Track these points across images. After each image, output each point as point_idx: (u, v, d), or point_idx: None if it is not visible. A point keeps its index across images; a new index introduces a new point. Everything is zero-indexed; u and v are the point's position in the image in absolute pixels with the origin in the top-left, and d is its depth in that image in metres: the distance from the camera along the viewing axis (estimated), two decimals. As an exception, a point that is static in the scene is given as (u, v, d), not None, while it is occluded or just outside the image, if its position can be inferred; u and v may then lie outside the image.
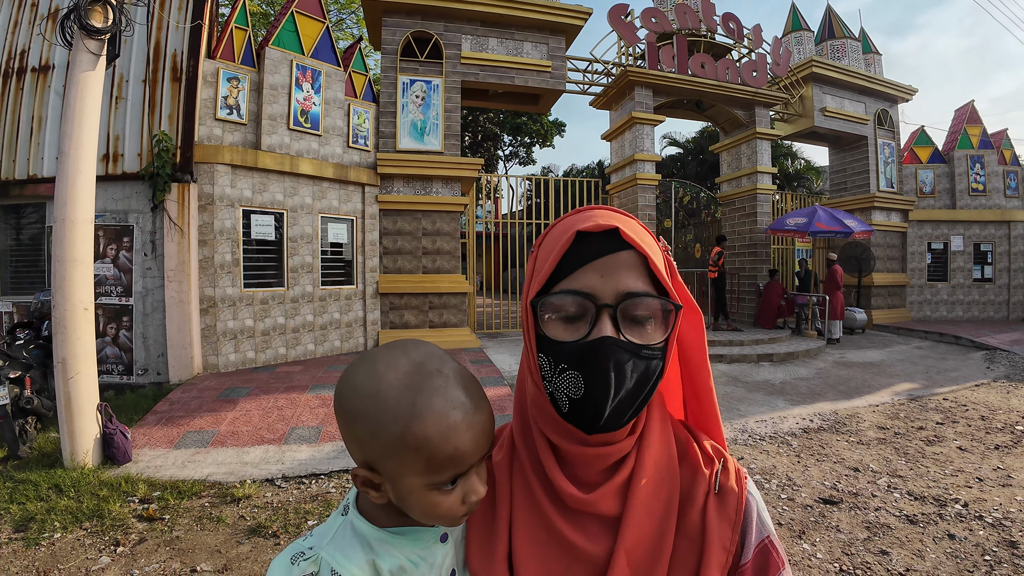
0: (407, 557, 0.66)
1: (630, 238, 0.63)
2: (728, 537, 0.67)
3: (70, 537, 3.33)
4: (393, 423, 0.60)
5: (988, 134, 14.65)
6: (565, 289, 0.63)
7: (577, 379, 0.62)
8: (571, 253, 0.64)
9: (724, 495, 0.69)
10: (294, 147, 8.10)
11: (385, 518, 0.68)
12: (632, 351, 0.62)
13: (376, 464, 0.63)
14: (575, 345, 0.62)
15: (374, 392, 0.61)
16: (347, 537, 0.66)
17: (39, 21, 7.23)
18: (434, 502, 0.63)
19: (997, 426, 5.67)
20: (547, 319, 0.64)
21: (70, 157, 4.28)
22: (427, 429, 0.60)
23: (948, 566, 3.07)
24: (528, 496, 0.70)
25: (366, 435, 0.62)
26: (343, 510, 0.70)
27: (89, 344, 4.38)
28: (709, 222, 14.66)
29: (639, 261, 0.64)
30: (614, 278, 0.62)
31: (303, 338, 8.29)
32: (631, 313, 0.63)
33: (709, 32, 11.73)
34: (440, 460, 0.61)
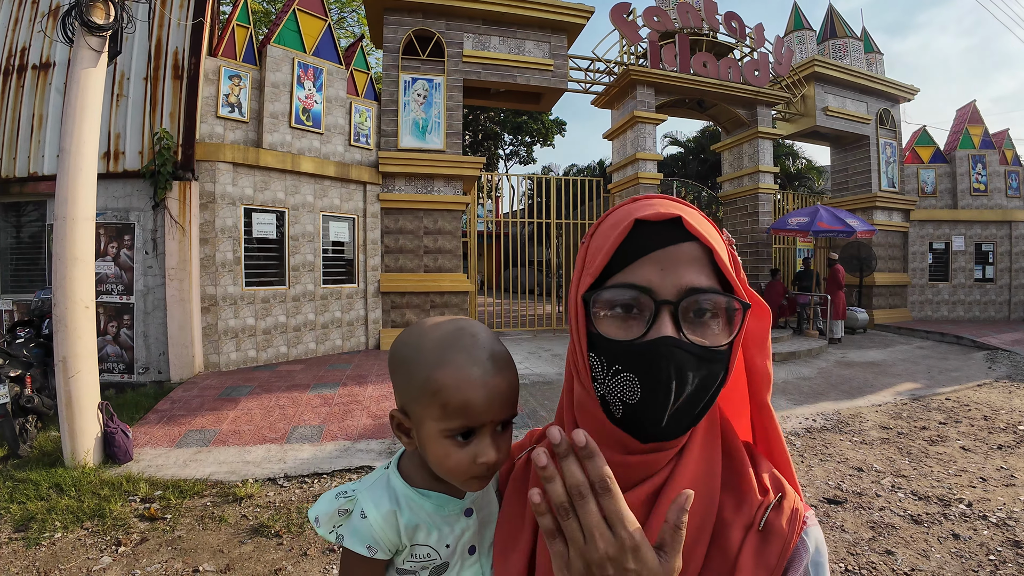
0: (426, 520, 0.74)
1: (693, 228, 0.57)
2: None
3: (71, 537, 3.31)
4: (422, 369, 0.69)
5: (990, 134, 14.63)
6: (621, 283, 0.57)
7: (633, 382, 0.56)
8: (628, 243, 0.58)
9: (769, 535, 0.60)
10: (295, 145, 8.08)
11: (419, 478, 0.76)
12: (695, 353, 0.55)
13: (407, 408, 0.72)
14: (631, 345, 0.56)
15: (416, 344, 0.71)
16: (381, 487, 0.75)
17: (40, 18, 7.21)
18: (446, 452, 0.69)
19: (1000, 426, 5.66)
20: (600, 315, 0.58)
21: (71, 155, 4.26)
22: (444, 377, 0.67)
23: (953, 566, 3.05)
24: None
25: (402, 380, 0.72)
26: (387, 465, 0.79)
27: (90, 342, 4.36)
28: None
29: (703, 254, 0.58)
30: (675, 272, 0.56)
31: (304, 337, 8.27)
32: (694, 311, 0.56)
33: (711, 31, 11.72)
34: (452, 407, 0.67)
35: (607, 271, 0.59)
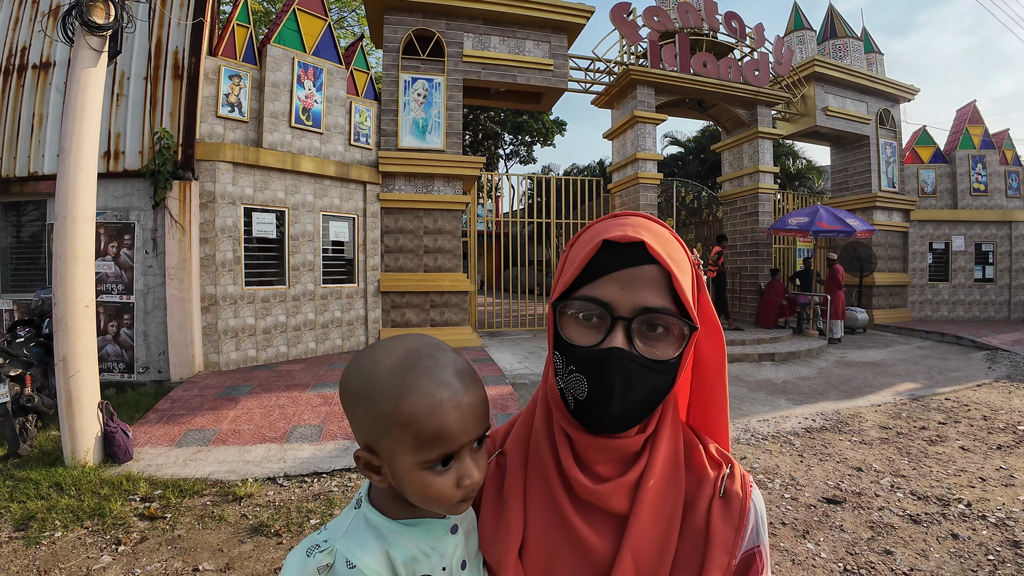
0: (419, 548, 0.68)
1: (656, 253, 0.63)
2: (731, 540, 0.68)
3: (71, 536, 3.32)
4: (384, 401, 0.63)
5: (990, 134, 14.63)
6: (584, 296, 0.65)
7: (582, 383, 0.65)
8: (597, 260, 0.65)
9: (729, 500, 0.71)
10: (295, 145, 8.09)
11: (397, 510, 0.70)
12: (641, 364, 0.63)
13: (374, 444, 0.66)
14: (586, 351, 0.64)
15: (370, 374, 0.65)
16: (361, 529, 0.68)
17: (40, 18, 7.21)
18: (426, 483, 0.65)
19: (999, 426, 5.66)
20: (566, 320, 0.67)
21: (71, 154, 4.27)
22: (413, 406, 0.62)
23: (952, 566, 3.06)
24: (544, 485, 0.72)
25: (363, 415, 0.65)
26: (356, 503, 0.72)
27: (90, 342, 4.37)
28: (710, 221, 14.67)
29: (663, 276, 0.64)
30: (633, 292, 0.63)
31: (304, 336, 8.28)
32: (646, 329, 0.64)
33: (711, 31, 11.72)
34: (427, 437, 0.63)
35: (578, 281, 0.66)
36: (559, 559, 0.68)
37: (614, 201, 12.51)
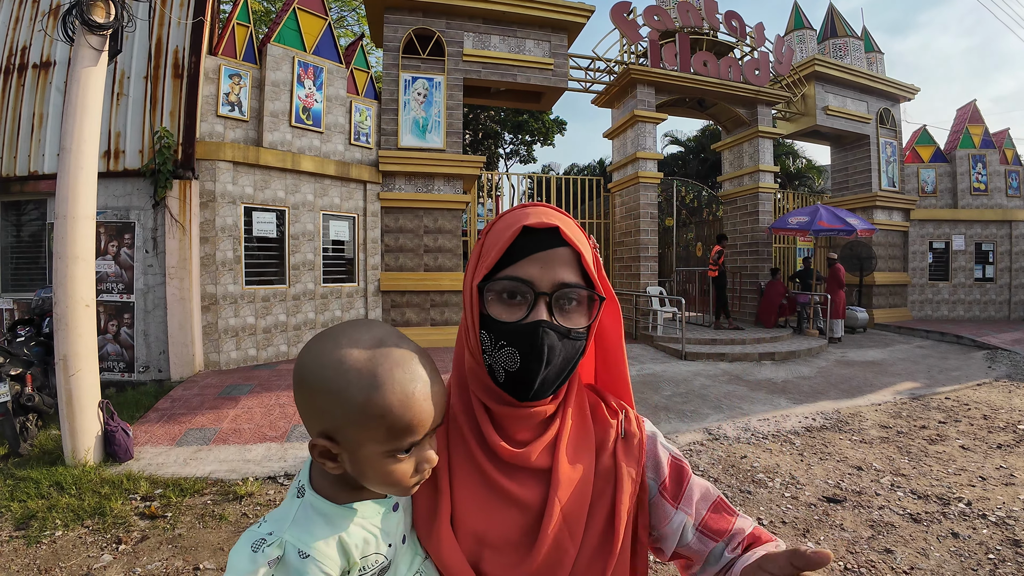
0: (370, 529, 0.69)
1: (568, 237, 0.73)
2: (635, 470, 0.82)
3: (71, 535, 3.32)
4: (357, 392, 0.63)
5: (990, 133, 14.63)
6: (510, 276, 0.72)
7: (514, 354, 0.72)
8: (516, 245, 0.73)
9: (629, 438, 0.84)
10: (296, 144, 8.08)
11: (342, 494, 0.70)
12: (562, 333, 0.73)
13: (336, 433, 0.65)
14: (515, 325, 0.72)
15: (338, 363, 0.64)
16: (309, 517, 0.67)
17: (40, 17, 7.21)
18: (390, 470, 0.66)
19: (999, 425, 5.66)
20: (492, 300, 0.74)
21: (71, 153, 4.27)
22: (388, 398, 0.63)
23: (952, 564, 3.06)
24: (465, 453, 0.78)
25: (330, 405, 0.64)
26: (297, 492, 0.71)
27: (90, 341, 4.37)
28: (711, 220, 14.66)
29: (573, 257, 0.74)
30: (552, 270, 0.72)
31: (305, 336, 8.28)
32: (563, 302, 0.74)
33: (712, 30, 11.71)
34: (400, 428, 0.64)
35: (498, 266, 0.74)
36: (489, 519, 0.74)
37: (614, 200, 12.51)
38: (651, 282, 11.10)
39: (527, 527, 0.75)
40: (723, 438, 5.28)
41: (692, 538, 0.83)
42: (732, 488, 4.14)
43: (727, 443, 5.15)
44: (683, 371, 8.09)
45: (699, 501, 0.84)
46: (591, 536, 0.76)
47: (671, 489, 0.84)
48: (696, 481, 0.86)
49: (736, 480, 4.30)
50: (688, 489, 0.85)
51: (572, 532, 0.75)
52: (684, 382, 7.40)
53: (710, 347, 9.45)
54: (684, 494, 0.84)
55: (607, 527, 0.77)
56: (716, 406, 6.31)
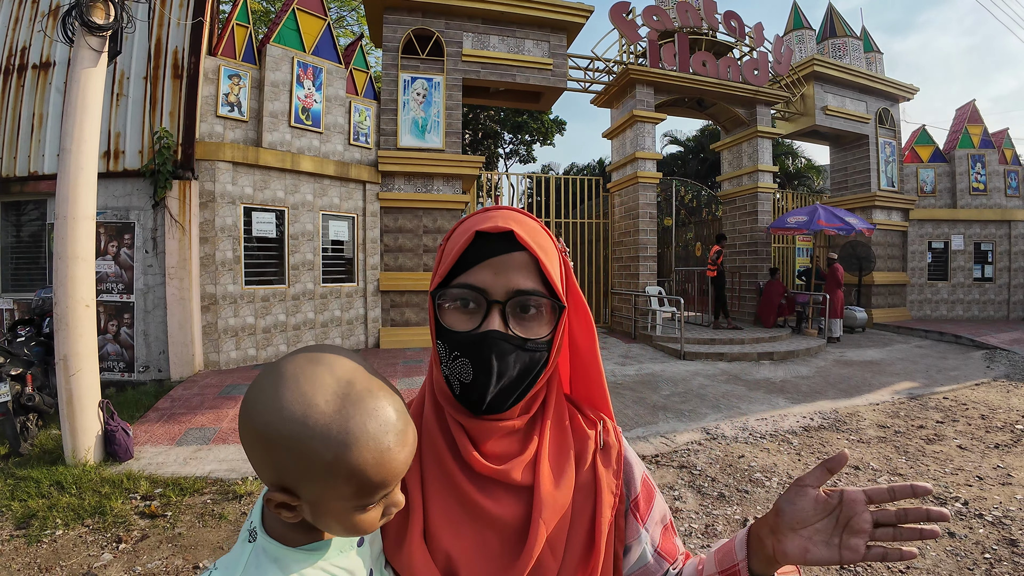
0: (328, 572, 0.63)
1: (524, 240, 0.69)
2: (614, 483, 0.79)
3: (72, 534, 3.33)
4: (324, 451, 0.56)
5: (989, 133, 14.64)
6: (461, 283, 0.70)
7: (467, 366, 0.69)
8: (471, 250, 0.70)
9: (607, 449, 0.82)
10: (295, 144, 8.10)
11: (297, 537, 0.63)
12: (517, 344, 0.69)
13: (296, 488, 0.58)
14: (466, 336, 0.68)
15: (301, 417, 0.56)
16: (262, 564, 0.61)
17: (40, 18, 7.22)
18: (357, 520, 0.61)
19: (997, 425, 5.67)
20: (446, 309, 0.71)
21: (72, 154, 4.28)
22: (362, 456, 0.57)
23: (948, 564, 3.07)
24: (441, 473, 0.74)
25: (290, 462, 0.57)
26: (249, 536, 0.64)
27: (91, 341, 4.38)
28: (710, 220, 14.68)
29: (531, 262, 0.70)
30: (505, 276, 0.69)
31: (304, 335, 8.29)
32: (519, 310, 0.70)
33: (711, 30, 11.72)
34: (373, 485, 0.59)
35: (453, 272, 0.71)
36: (463, 536, 0.71)
37: (613, 200, 12.52)
38: (650, 282, 11.11)
39: (504, 545, 0.71)
40: (721, 437, 5.30)
41: (651, 560, 0.81)
42: (729, 487, 4.16)
43: (725, 442, 5.17)
44: (682, 371, 8.10)
45: (659, 522, 0.83)
46: (572, 552, 0.73)
47: (642, 507, 0.82)
48: (659, 500, 0.85)
49: (733, 479, 4.31)
50: (653, 508, 0.83)
51: (553, 549, 0.72)
52: (683, 381, 7.41)
53: (709, 347, 9.46)
54: (650, 513, 0.82)
55: (588, 542, 0.75)
56: (714, 405, 6.33)
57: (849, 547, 0.64)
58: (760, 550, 0.71)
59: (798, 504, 0.67)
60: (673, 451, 4.96)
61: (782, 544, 0.67)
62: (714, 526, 3.54)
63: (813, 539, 0.66)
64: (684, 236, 16.09)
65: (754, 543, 0.72)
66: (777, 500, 0.70)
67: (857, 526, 0.64)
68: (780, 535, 0.67)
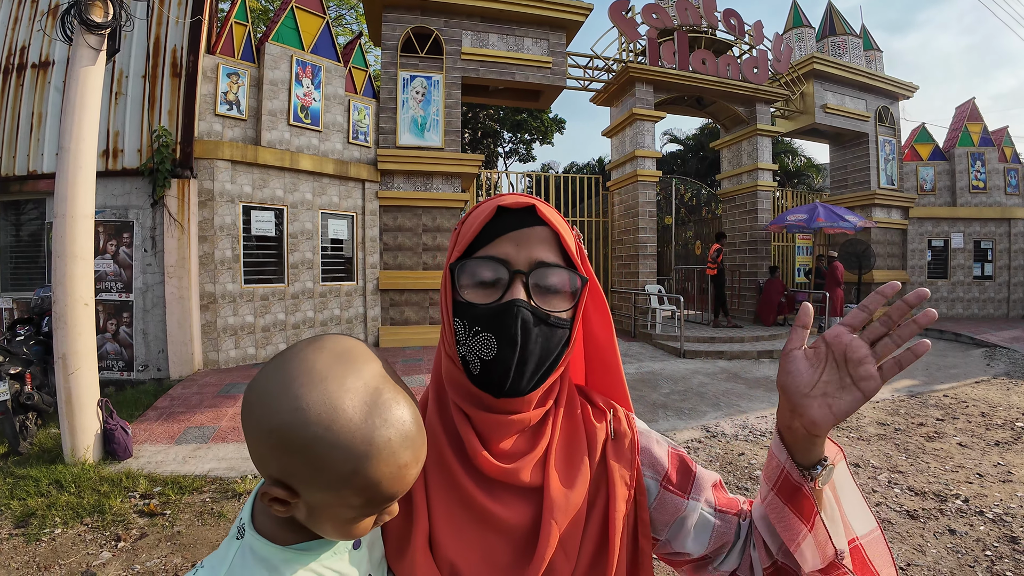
0: (318, 573, 0.60)
1: (544, 215, 0.70)
2: (628, 473, 0.76)
3: (71, 533, 3.33)
4: (344, 461, 0.54)
5: (989, 131, 14.63)
6: (483, 255, 0.69)
7: (490, 340, 0.66)
8: (491, 226, 0.70)
9: (619, 439, 0.79)
10: (294, 143, 8.09)
11: (287, 535, 0.60)
12: (540, 317, 0.67)
13: (301, 490, 0.56)
14: (489, 307, 0.66)
15: (327, 423, 0.53)
16: (248, 564, 0.58)
17: (39, 17, 7.21)
18: (352, 526, 0.59)
19: (997, 422, 5.67)
20: (464, 284, 0.69)
21: (70, 152, 4.27)
22: (380, 470, 0.55)
23: (949, 561, 3.07)
24: (444, 474, 0.71)
25: (304, 467, 0.54)
26: (237, 533, 0.61)
27: (90, 340, 4.37)
28: (709, 219, 14.67)
29: (551, 236, 0.70)
30: (528, 248, 0.68)
31: (304, 334, 8.28)
32: (541, 282, 0.68)
33: (710, 28, 11.72)
34: (383, 498, 0.58)
35: (472, 248, 0.70)
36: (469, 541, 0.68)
37: (613, 199, 12.52)
38: (650, 280, 11.11)
39: (513, 550, 0.68)
40: (721, 435, 5.30)
41: (716, 521, 0.78)
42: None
43: (725, 440, 5.17)
44: (681, 369, 8.10)
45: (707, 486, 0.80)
46: (586, 551, 0.71)
47: (678, 481, 0.79)
48: (700, 469, 0.81)
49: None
50: (696, 478, 0.80)
51: (566, 550, 0.69)
52: (682, 380, 7.41)
53: (708, 345, 9.46)
54: (694, 483, 0.79)
55: (601, 538, 0.72)
56: (714, 404, 6.33)
57: (863, 377, 0.63)
58: (796, 442, 0.68)
59: (793, 371, 0.66)
60: (673, 449, 4.96)
61: (807, 415, 0.65)
62: (714, 524, 3.54)
63: (829, 392, 0.64)
64: (684, 234, 16.08)
65: (788, 440, 0.69)
66: (777, 381, 0.69)
67: (856, 356, 0.63)
68: (799, 409, 0.65)
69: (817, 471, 0.68)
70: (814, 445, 0.67)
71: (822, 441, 0.67)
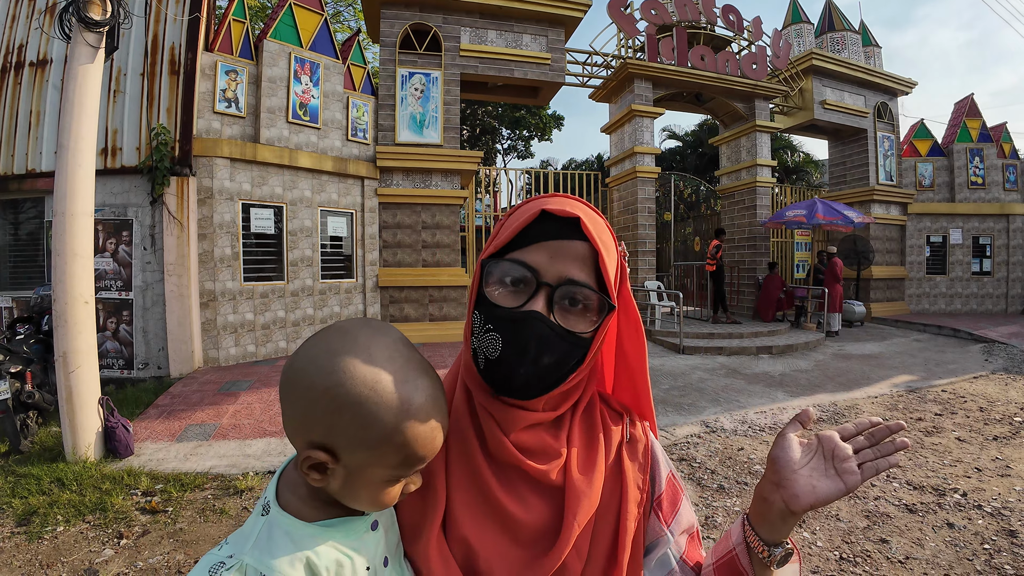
0: (343, 552, 0.62)
1: (588, 231, 0.66)
2: (640, 477, 0.77)
3: (73, 530, 3.34)
4: (387, 418, 0.59)
5: (987, 127, 14.65)
6: (514, 258, 0.67)
7: (496, 342, 0.66)
8: (531, 228, 0.67)
9: (634, 443, 0.80)
10: (293, 140, 8.08)
11: (311, 512, 0.64)
12: (557, 333, 0.66)
13: (342, 451, 0.60)
14: (506, 312, 0.66)
15: (372, 383, 0.59)
16: (273, 537, 0.60)
17: (37, 15, 7.19)
18: (383, 491, 0.63)
19: (995, 417, 5.69)
20: (491, 281, 0.68)
21: (69, 150, 4.27)
22: (417, 429, 0.60)
23: (948, 554, 3.09)
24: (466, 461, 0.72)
25: (350, 424, 0.59)
26: (263, 509, 0.64)
27: (90, 338, 4.37)
28: (708, 215, 14.67)
29: (590, 254, 0.67)
30: (561, 263, 0.66)
31: (303, 331, 8.29)
32: (566, 299, 0.66)
33: (709, 24, 11.71)
34: (417, 457, 0.62)
35: (509, 247, 0.69)
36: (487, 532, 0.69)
37: (612, 195, 12.52)
38: (649, 276, 11.12)
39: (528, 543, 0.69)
40: (720, 431, 5.31)
41: (675, 566, 0.77)
42: (729, 479, 4.17)
43: (724, 435, 5.18)
44: (681, 365, 8.11)
45: (685, 529, 0.79)
46: (598, 551, 0.71)
47: (666, 508, 0.78)
48: (686, 504, 0.81)
49: (733, 472, 4.32)
50: (679, 512, 0.79)
51: (579, 549, 0.69)
52: (682, 375, 7.43)
53: (708, 341, 9.48)
54: (676, 516, 0.79)
55: (613, 539, 0.72)
56: (714, 399, 6.34)
57: (846, 471, 0.67)
58: (767, 516, 0.70)
59: (786, 450, 0.70)
60: (673, 444, 4.98)
61: (790, 488, 0.68)
62: (714, 517, 3.56)
63: (814, 476, 0.68)
64: (683, 231, 16.08)
65: (757, 514, 0.72)
66: (768, 455, 0.71)
67: (842, 454, 0.68)
68: (784, 482, 0.68)
69: (778, 551, 0.70)
70: (785, 524, 0.69)
71: (793, 522, 0.69)
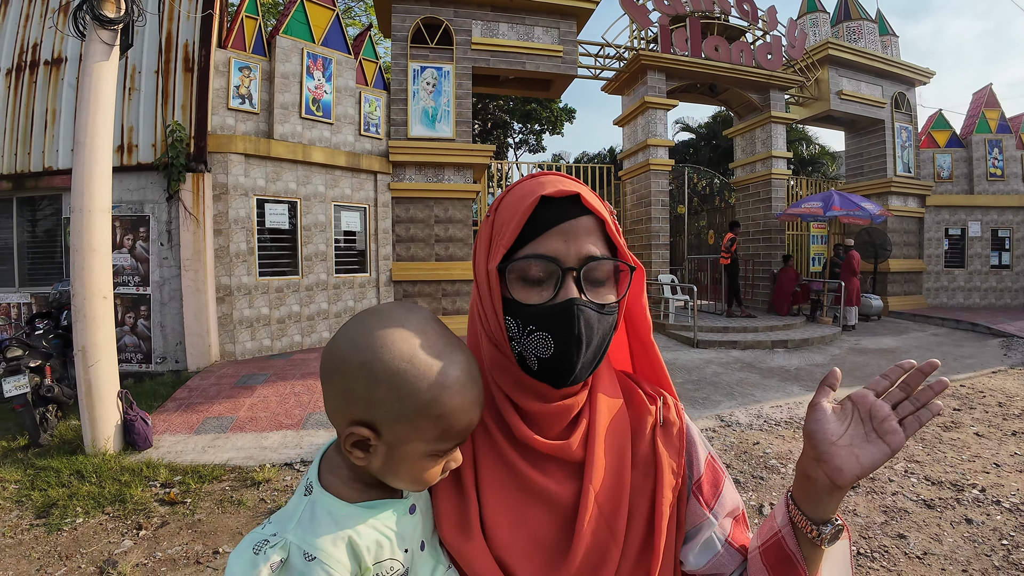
0: (384, 532, 0.64)
1: (590, 204, 0.67)
2: (676, 461, 0.75)
3: (92, 522, 3.39)
4: (426, 389, 0.61)
5: (1006, 118, 14.34)
6: (532, 254, 0.66)
7: (547, 339, 0.65)
8: (533, 218, 0.66)
9: (668, 426, 0.78)
10: (306, 136, 8.11)
11: (353, 493, 0.66)
12: (596, 310, 0.66)
13: (382, 426, 0.62)
14: (545, 308, 0.65)
15: (409, 356, 0.61)
16: (316, 517, 0.62)
17: (51, 14, 7.27)
18: (424, 468, 0.64)
19: (1015, 412, 5.61)
20: (512, 282, 0.67)
21: (86, 147, 4.32)
22: (453, 400, 0.62)
23: (966, 550, 3.05)
24: (492, 450, 0.73)
25: (389, 396, 0.61)
26: (305, 490, 0.66)
27: (109, 332, 4.44)
28: (723, 208, 14.55)
29: (597, 226, 0.68)
30: (576, 243, 0.66)
31: (318, 326, 8.35)
32: (592, 276, 0.67)
33: (723, 14, 11.58)
34: (455, 431, 0.63)
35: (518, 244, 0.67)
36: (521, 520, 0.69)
37: (625, 188, 12.46)
38: (663, 270, 11.06)
39: (562, 527, 0.69)
40: (735, 425, 5.28)
41: (721, 549, 0.75)
42: (744, 474, 4.15)
43: (739, 430, 5.15)
44: (695, 359, 8.08)
45: (729, 512, 0.77)
46: (633, 536, 0.70)
47: (706, 491, 0.76)
48: (729, 487, 0.78)
49: (748, 466, 4.30)
50: (722, 495, 0.77)
51: (613, 531, 0.69)
52: (696, 369, 7.39)
53: (722, 335, 9.42)
54: (718, 499, 0.76)
55: (649, 524, 0.71)
56: (728, 393, 6.31)
57: (887, 431, 0.64)
58: (812, 493, 0.67)
59: (821, 419, 0.66)
60: (686, 439, 4.96)
61: (833, 462, 0.64)
62: (728, 513, 3.54)
63: (855, 443, 0.64)
64: (696, 224, 15.97)
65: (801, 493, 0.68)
66: (804, 429, 0.69)
67: (880, 414, 0.65)
68: (824, 456, 0.65)
69: (827, 529, 0.67)
70: (831, 499, 0.66)
71: (840, 496, 0.66)
